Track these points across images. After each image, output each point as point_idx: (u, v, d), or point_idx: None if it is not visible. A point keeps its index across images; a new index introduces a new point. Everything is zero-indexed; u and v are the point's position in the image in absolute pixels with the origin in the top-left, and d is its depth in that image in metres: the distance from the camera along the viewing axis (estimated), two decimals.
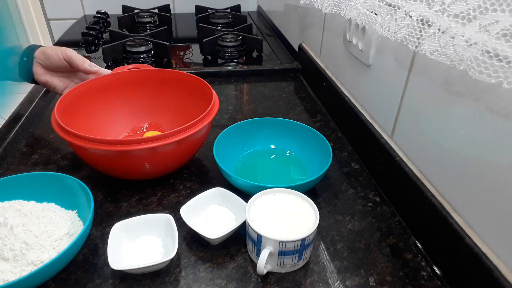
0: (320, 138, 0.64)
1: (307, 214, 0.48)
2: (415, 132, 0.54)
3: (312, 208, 0.48)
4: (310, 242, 0.46)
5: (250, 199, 0.49)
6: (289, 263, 0.46)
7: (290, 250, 0.44)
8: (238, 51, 1.16)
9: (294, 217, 0.48)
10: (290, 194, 0.51)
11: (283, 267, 0.47)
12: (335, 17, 0.79)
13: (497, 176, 0.39)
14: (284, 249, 0.44)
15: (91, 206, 0.48)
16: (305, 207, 0.49)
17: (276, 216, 0.48)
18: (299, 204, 0.49)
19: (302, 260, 0.47)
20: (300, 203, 0.49)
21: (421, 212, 0.51)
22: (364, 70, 0.68)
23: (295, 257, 0.46)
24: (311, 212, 0.48)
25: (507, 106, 0.37)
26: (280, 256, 0.45)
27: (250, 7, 1.68)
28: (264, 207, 0.49)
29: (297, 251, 0.45)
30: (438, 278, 0.47)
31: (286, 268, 0.47)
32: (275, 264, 0.46)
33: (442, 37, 0.40)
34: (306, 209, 0.48)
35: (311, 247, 0.48)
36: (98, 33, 1.23)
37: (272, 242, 0.44)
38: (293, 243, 0.44)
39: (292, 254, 0.45)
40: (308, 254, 0.48)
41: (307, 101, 0.91)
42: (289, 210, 0.48)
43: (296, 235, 0.44)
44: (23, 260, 0.44)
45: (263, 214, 0.48)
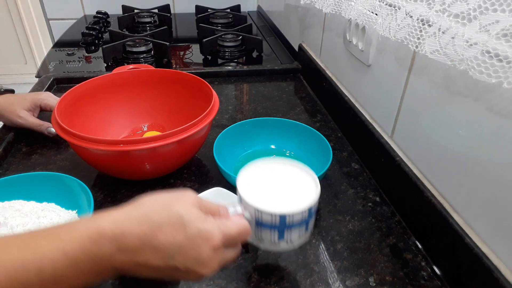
0: (320, 138, 0.64)
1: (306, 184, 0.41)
2: (415, 132, 0.54)
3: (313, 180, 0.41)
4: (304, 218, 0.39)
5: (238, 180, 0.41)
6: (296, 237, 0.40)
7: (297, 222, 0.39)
8: (238, 51, 1.15)
9: (293, 188, 0.41)
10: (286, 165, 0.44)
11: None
12: (335, 17, 0.79)
13: (497, 176, 0.39)
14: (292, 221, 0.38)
15: (91, 206, 0.48)
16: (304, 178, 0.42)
17: (273, 187, 0.41)
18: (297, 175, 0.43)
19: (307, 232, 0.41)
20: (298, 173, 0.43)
21: (421, 212, 0.51)
22: (364, 70, 0.68)
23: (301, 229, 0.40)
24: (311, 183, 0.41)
25: (507, 106, 0.37)
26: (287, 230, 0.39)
27: (250, 7, 1.68)
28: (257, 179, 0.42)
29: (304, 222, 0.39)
30: (438, 278, 0.47)
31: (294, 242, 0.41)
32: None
33: (442, 37, 0.40)
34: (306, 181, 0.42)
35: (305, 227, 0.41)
36: (98, 33, 1.23)
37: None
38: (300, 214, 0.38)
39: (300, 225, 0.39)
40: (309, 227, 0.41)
41: (307, 101, 0.91)
42: (286, 181, 0.42)
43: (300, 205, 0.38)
44: None
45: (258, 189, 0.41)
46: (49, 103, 0.72)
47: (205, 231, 0.33)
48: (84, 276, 0.31)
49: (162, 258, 0.32)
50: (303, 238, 0.42)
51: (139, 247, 0.31)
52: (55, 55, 1.10)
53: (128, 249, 0.31)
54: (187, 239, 0.32)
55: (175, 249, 0.32)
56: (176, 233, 0.32)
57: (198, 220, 0.33)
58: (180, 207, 0.33)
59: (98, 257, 0.30)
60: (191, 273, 0.33)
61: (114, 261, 0.31)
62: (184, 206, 0.33)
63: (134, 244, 0.31)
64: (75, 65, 1.04)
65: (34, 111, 0.72)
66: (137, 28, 1.38)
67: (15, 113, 0.69)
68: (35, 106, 0.72)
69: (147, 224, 0.32)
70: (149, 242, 0.31)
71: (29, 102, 0.71)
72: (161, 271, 0.33)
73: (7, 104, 0.70)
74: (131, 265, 0.32)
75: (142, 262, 0.32)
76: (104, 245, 0.30)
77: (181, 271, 0.33)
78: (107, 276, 0.32)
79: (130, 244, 0.31)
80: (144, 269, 0.32)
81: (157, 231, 0.31)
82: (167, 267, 0.32)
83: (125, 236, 0.31)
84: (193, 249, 0.32)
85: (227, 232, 0.35)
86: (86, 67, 1.03)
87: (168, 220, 0.32)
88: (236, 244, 0.37)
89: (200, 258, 0.33)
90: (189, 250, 0.32)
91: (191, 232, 0.32)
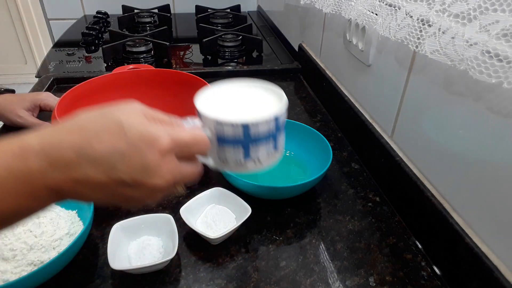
0: (320, 138, 0.64)
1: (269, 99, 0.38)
2: (415, 132, 0.54)
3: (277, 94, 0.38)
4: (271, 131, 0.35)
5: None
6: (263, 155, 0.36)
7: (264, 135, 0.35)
8: (238, 51, 1.15)
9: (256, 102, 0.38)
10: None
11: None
12: (335, 17, 0.79)
13: (497, 176, 0.39)
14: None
15: (91, 206, 0.48)
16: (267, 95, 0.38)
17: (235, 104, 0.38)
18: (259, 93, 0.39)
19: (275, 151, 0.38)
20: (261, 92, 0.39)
21: (421, 212, 0.51)
22: (364, 70, 0.68)
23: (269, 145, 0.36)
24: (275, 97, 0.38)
25: (507, 106, 0.37)
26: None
27: (250, 7, 1.68)
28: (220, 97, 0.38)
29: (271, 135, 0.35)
30: (438, 278, 0.47)
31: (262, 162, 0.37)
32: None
33: (442, 37, 0.40)
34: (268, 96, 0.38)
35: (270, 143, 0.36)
36: (98, 33, 1.23)
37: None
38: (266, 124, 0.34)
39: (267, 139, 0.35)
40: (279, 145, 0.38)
41: (307, 101, 0.91)
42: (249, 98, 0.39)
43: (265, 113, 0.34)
44: (23, 260, 0.44)
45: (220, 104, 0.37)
46: (48, 103, 0.72)
47: (149, 134, 0.28)
48: (12, 198, 0.27)
49: (103, 171, 0.27)
50: (272, 158, 0.37)
51: (74, 160, 0.27)
52: (55, 55, 1.10)
53: (61, 164, 0.27)
54: (128, 145, 0.28)
55: (116, 157, 0.27)
56: (115, 140, 0.28)
57: (140, 125, 0.29)
58: (119, 113, 0.29)
59: (25, 174, 0.26)
60: (142, 188, 0.29)
61: (47, 179, 0.27)
62: (124, 112, 0.29)
63: (67, 157, 0.27)
64: (75, 65, 1.04)
65: (33, 111, 0.72)
66: (137, 28, 1.38)
67: (15, 112, 0.69)
68: (35, 106, 0.72)
69: (80, 134, 0.28)
70: (85, 152, 0.27)
71: (28, 102, 0.71)
72: (106, 188, 0.28)
73: (7, 104, 0.70)
74: (69, 183, 0.27)
75: (81, 178, 0.27)
76: (31, 161, 0.26)
77: (130, 186, 0.29)
78: (44, 199, 0.28)
79: (62, 158, 0.27)
80: (86, 189, 0.28)
81: (93, 140, 0.27)
82: (112, 182, 0.28)
83: (55, 148, 0.27)
84: (137, 155, 0.28)
85: (178, 139, 0.30)
86: (86, 67, 1.03)
87: (105, 127, 0.28)
88: (192, 155, 0.33)
89: (146, 165, 0.28)
90: (132, 157, 0.28)
91: (132, 137, 0.28)
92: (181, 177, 0.32)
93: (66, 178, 0.27)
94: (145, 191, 0.30)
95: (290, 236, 0.53)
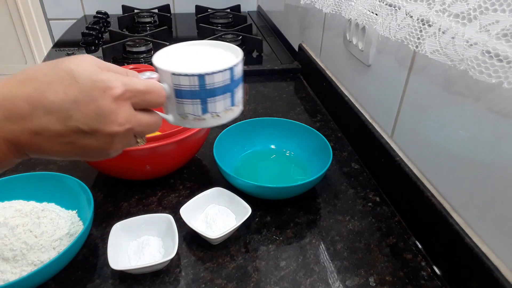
0: (320, 138, 0.64)
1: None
2: (415, 132, 0.54)
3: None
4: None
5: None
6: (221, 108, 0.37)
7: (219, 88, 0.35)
8: None
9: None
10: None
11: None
12: (335, 17, 0.79)
13: (497, 176, 0.39)
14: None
15: (91, 206, 0.48)
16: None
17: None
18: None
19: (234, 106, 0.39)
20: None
21: (421, 212, 0.51)
22: (364, 70, 0.68)
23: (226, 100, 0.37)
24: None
25: (507, 106, 0.37)
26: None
27: (250, 7, 1.68)
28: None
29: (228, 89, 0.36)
30: (438, 278, 0.47)
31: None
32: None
33: (442, 37, 0.40)
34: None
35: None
36: (98, 33, 1.23)
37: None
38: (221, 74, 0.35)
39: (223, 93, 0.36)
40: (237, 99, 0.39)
41: (307, 101, 0.91)
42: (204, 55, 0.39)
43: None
44: (23, 260, 0.44)
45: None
46: None
47: (101, 81, 0.29)
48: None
49: (59, 120, 0.28)
50: (230, 112, 0.38)
51: (28, 111, 0.27)
52: (55, 55, 1.10)
53: (16, 116, 0.27)
54: (81, 93, 0.28)
55: (70, 106, 0.28)
56: (68, 89, 0.28)
57: (92, 73, 0.29)
58: (69, 63, 0.29)
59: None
60: (99, 135, 0.29)
61: (4, 131, 0.28)
62: (75, 62, 0.29)
63: (21, 108, 0.27)
64: None
65: None
66: (137, 28, 1.38)
67: None
68: None
69: (32, 85, 0.28)
70: (39, 103, 0.27)
71: None
72: (64, 138, 0.29)
73: None
74: (26, 135, 0.28)
75: (38, 129, 0.28)
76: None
77: (87, 134, 0.29)
78: (2, 152, 0.29)
79: (17, 109, 0.27)
80: (44, 141, 0.29)
81: (45, 90, 0.28)
82: (69, 131, 0.28)
83: (7, 100, 0.27)
84: (90, 102, 0.28)
85: (132, 86, 0.30)
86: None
87: (57, 77, 0.28)
88: (148, 105, 0.32)
89: (101, 111, 0.28)
90: (86, 104, 0.28)
91: (85, 84, 0.28)
92: (139, 126, 0.32)
93: (22, 130, 0.28)
94: (102, 139, 0.30)
95: (290, 236, 0.53)
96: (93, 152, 0.31)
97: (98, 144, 0.30)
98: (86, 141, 0.30)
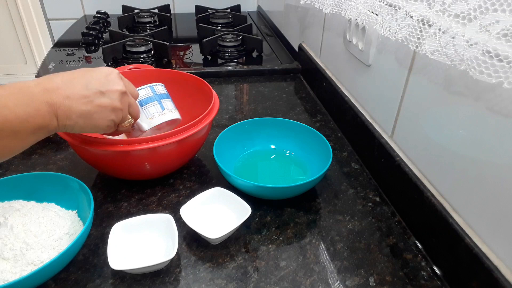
0: (320, 138, 0.64)
1: None
2: (415, 132, 0.54)
3: None
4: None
5: None
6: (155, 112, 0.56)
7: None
8: (238, 51, 1.15)
9: None
10: None
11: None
12: (335, 17, 0.79)
13: (497, 176, 0.39)
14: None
15: (91, 206, 0.48)
16: None
17: None
18: None
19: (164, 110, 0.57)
20: None
21: (421, 212, 0.51)
22: (364, 70, 0.68)
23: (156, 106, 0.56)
24: None
25: (507, 106, 0.37)
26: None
27: (250, 7, 1.68)
28: None
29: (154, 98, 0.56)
30: (438, 278, 0.47)
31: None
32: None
33: (442, 37, 0.40)
34: None
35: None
36: (98, 33, 1.23)
37: None
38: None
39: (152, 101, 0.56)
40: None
41: (307, 101, 0.91)
42: None
43: None
44: (23, 260, 0.44)
45: None
46: None
47: (106, 68, 0.47)
48: (23, 106, 0.38)
49: (83, 87, 0.43)
50: (175, 109, 0.60)
51: (61, 84, 0.41)
52: (55, 55, 1.10)
53: (53, 88, 0.41)
54: (97, 72, 0.45)
55: (89, 79, 0.44)
56: (88, 72, 0.45)
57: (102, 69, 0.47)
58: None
59: (29, 94, 0.39)
60: (111, 93, 0.45)
61: (44, 96, 0.40)
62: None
63: (56, 83, 0.41)
64: (75, 65, 1.04)
65: None
66: (137, 28, 1.38)
67: None
68: None
69: (62, 74, 0.43)
70: (68, 80, 0.42)
71: None
72: (87, 98, 0.43)
73: None
74: (61, 98, 0.41)
75: (69, 93, 0.42)
76: (32, 88, 0.39)
77: (103, 94, 0.44)
78: (43, 112, 0.39)
79: (53, 84, 0.41)
80: (74, 102, 0.42)
81: (73, 73, 0.44)
82: (90, 93, 0.43)
83: (45, 79, 0.41)
84: (103, 76, 0.45)
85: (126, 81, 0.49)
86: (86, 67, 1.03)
87: (80, 71, 0.45)
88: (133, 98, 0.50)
89: (110, 80, 0.45)
90: (100, 78, 0.45)
91: (98, 69, 0.46)
92: (131, 95, 0.49)
93: (58, 94, 0.41)
94: (112, 95, 0.45)
95: (290, 236, 0.53)
96: (106, 111, 0.45)
97: (110, 101, 0.45)
98: (102, 99, 0.44)
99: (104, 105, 0.44)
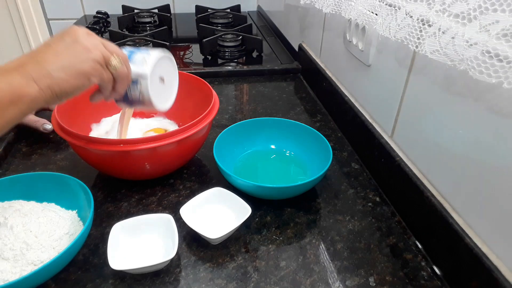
0: (320, 138, 0.64)
1: None
2: (415, 132, 0.54)
3: None
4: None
5: None
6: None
7: None
8: (238, 51, 1.15)
9: None
10: None
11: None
12: (335, 17, 0.79)
13: (497, 176, 0.39)
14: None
15: (91, 206, 0.48)
16: None
17: None
18: None
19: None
20: None
21: (421, 212, 0.51)
22: (364, 70, 0.68)
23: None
24: None
25: (507, 106, 0.37)
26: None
27: (250, 7, 1.68)
28: None
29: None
30: (438, 278, 0.47)
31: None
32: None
33: (442, 37, 0.40)
34: None
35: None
36: (98, 33, 1.23)
37: None
38: None
39: None
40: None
41: (307, 101, 0.91)
42: None
43: None
44: (23, 260, 0.44)
45: None
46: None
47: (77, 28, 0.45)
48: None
49: (60, 38, 0.42)
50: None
51: (26, 59, 0.40)
52: None
53: (20, 63, 0.40)
54: (71, 29, 0.44)
55: (63, 32, 0.43)
56: (62, 32, 0.44)
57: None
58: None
59: (15, 61, 0.39)
60: (73, 36, 0.42)
61: (14, 69, 0.39)
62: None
63: (22, 60, 0.40)
64: None
65: None
66: (137, 28, 1.38)
67: None
68: None
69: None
70: (33, 53, 0.41)
71: None
72: (66, 42, 0.42)
73: None
74: (31, 64, 0.39)
75: (50, 42, 0.42)
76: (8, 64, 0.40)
77: (67, 41, 0.42)
78: (16, 79, 0.38)
79: (19, 61, 0.40)
80: (46, 61, 0.40)
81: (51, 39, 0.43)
82: (57, 46, 0.42)
83: (14, 61, 0.40)
84: (77, 29, 0.44)
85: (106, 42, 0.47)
86: None
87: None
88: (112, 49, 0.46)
89: (64, 32, 0.43)
90: (74, 30, 0.43)
91: (73, 27, 0.44)
92: (103, 40, 0.45)
93: (28, 63, 0.40)
94: (77, 38, 0.43)
95: (290, 236, 0.53)
96: (80, 52, 0.42)
97: (78, 43, 0.42)
98: (69, 46, 0.42)
99: (74, 48, 0.42)
